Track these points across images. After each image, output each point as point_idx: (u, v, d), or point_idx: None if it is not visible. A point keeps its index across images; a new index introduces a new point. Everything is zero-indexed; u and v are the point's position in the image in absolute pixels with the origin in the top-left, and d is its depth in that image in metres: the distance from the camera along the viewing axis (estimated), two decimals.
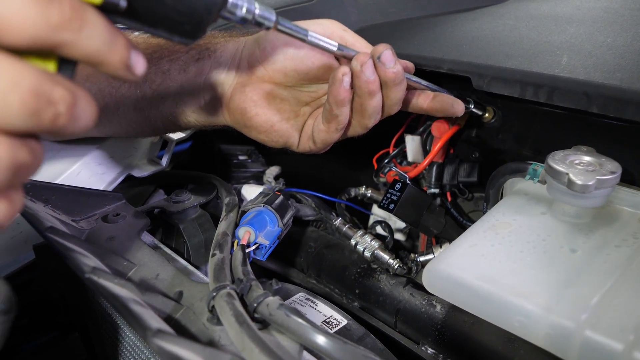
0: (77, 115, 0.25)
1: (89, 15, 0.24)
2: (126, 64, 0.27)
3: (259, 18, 0.38)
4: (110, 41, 0.26)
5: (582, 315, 0.38)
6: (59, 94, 0.24)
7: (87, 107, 0.25)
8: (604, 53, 0.57)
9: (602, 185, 0.46)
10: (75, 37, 0.24)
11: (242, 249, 0.48)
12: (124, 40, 0.26)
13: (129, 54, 0.27)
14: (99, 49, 0.25)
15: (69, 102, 0.24)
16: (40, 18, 0.23)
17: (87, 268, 0.38)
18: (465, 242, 0.49)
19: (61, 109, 0.24)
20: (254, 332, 0.35)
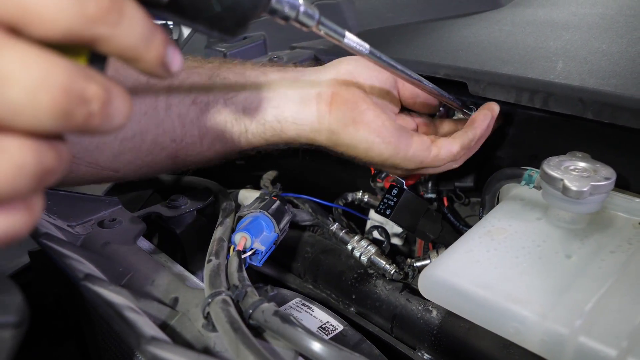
0: (111, 113, 0.23)
1: (127, 8, 0.22)
2: (162, 62, 0.25)
3: (303, 16, 0.37)
4: (148, 37, 0.24)
5: (576, 321, 0.38)
6: (93, 91, 0.22)
7: (122, 104, 0.23)
8: (599, 59, 0.57)
9: (596, 191, 0.46)
10: (111, 32, 0.22)
11: (238, 255, 0.48)
12: (161, 36, 0.25)
13: (165, 51, 0.25)
14: (135, 45, 0.23)
15: (103, 100, 0.22)
16: (76, 9, 0.20)
17: (81, 275, 0.37)
18: (460, 247, 0.49)
19: (94, 107, 0.22)
20: (249, 338, 0.35)
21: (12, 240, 0.22)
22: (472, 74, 0.60)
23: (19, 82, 0.20)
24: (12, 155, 0.21)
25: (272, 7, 0.34)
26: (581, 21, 0.72)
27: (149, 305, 0.41)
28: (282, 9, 0.34)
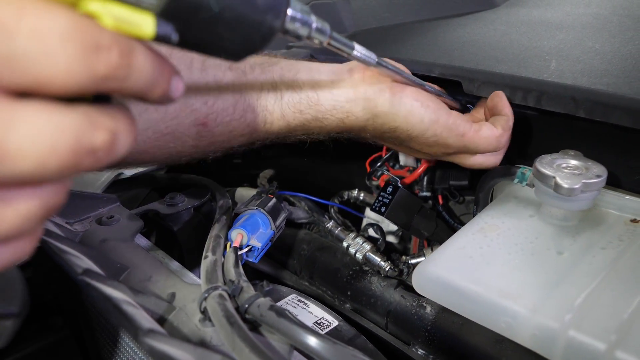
0: (116, 152, 0.23)
1: (137, 57, 0.22)
2: (166, 95, 0.25)
3: (316, 33, 0.36)
4: (155, 79, 0.24)
5: (567, 315, 0.39)
6: (100, 140, 0.22)
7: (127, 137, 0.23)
8: (591, 58, 0.58)
9: (588, 188, 0.47)
10: (120, 86, 0.22)
11: (234, 251, 0.49)
12: (167, 73, 0.25)
13: (169, 87, 0.25)
14: (143, 88, 0.23)
15: (109, 145, 0.22)
16: (86, 72, 0.20)
17: (79, 270, 0.38)
18: (454, 244, 0.50)
19: (101, 155, 0.22)
20: (245, 332, 0.36)
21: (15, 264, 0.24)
22: (467, 73, 0.61)
23: (29, 157, 0.20)
24: (18, 207, 0.22)
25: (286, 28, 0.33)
26: (575, 21, 0.72)
27: (146, 300, 0.41)
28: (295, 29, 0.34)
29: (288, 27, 0.33)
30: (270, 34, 0.30)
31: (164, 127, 0.47)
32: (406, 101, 0.51)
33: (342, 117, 0.53)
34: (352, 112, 0.52)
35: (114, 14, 0.21)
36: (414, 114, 0.51)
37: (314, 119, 0.52)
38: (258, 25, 0.28)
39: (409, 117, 0.52)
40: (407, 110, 0.51)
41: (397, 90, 0.52)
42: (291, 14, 0.32)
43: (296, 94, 0.51)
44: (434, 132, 0.52)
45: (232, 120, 0.49)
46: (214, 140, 0.50)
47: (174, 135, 0.47)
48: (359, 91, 0.52)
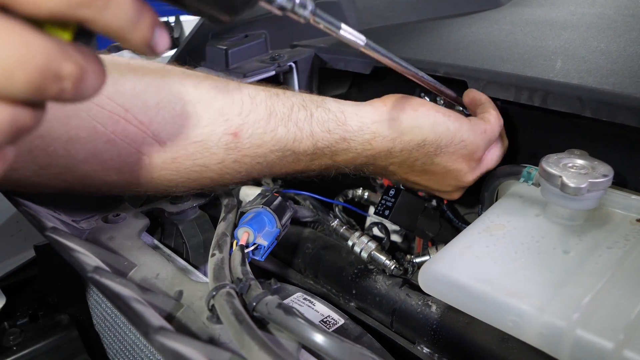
0: (83, 88, 0.24)
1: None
2: (147, 44, 0.26)
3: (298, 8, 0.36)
4: (135, 20, 0.24)
5: (574, 314, 0.39)
6: (68, 70, 0.23)
7: (95, 80, 0.24)
8: (597, 58, 0.58)
9: (594, 188, 0.47)
10: (97, 15, 0.23)
11: (241, 249, 0.49)
12: (149, 19, 0.25)
13: (152, 34, 0.26)
14: (121, 27, 0.24)
15: (76, 78, 0.23)
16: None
17: (89, 267, 0.38)
18: (460, 243, 0.50)
19: (67, 85, 0.23)
20: (253, 330, 0.36)
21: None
22: (472, 72, 0.61)
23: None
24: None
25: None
26: (580, 21, 0.72)
27: (154, 298, 0.41)
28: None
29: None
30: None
31: (195, 134, 0.47)
32: (428, 114, 0.54)
33: (369, 137, 0.54)
34: (378, 132, 0.54)
35: None
36: (438, 123, 0.54)
37: (342, 140, 0.53)
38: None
39: (435, 127, 0.54)
40: (432, 122, 0.54)
41: (418, 106, 0.54)
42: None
43: (325, 113, 0.53)
44: (461, 137, 0.55)
45: (264, 133, 0.50)
46: (241, 154, 0.50)
47: (205, 144, 0.48)
48: (383, 113, 0.54)
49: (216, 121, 0.48)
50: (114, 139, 0.44)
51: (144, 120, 0.45)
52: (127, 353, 0.57)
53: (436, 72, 0.64)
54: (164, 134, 0.46)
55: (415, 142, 0.54)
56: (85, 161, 0.44)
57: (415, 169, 0.58)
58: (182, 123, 0.46)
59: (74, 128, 0.42)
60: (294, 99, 0.52)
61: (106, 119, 0.43)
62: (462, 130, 0.55)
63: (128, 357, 0.57)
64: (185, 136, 0.47)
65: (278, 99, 0.52)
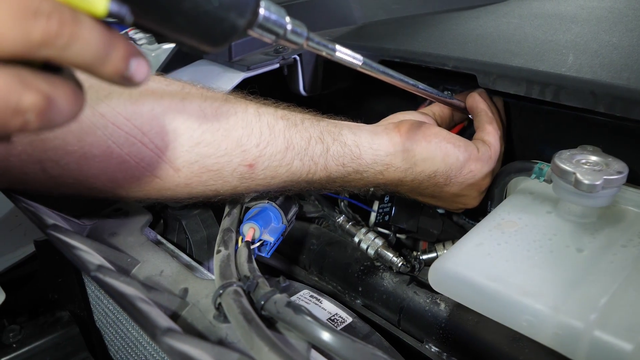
0: (51, 118, 0.23)
1: (81, 29, 0.22)
2: (122, 75, 0.25)
3: (291, 35, 0.35)
4: (104, 54, 0.24)
5: (591, 315, 0.38)
6: (29, 102, 0.22)
7: (66, 105, 0.24)
8: (610, 52, 0.57)
9: (609, 185, 0.46)
10: (61, 54, 0.22)
11: (247, 246, 0.48)
12: (121, 52, 0.24)
13: (126, 65, 0.25)
14: (90, 62, 0.23)
15: (40, 108, 0.22)
16: (20, 35, 0.21)
17: (92, 266, 0.37)
18: (471, 240, 0.49)
19: (30, 117, 0.22)
20: (263, 330, 0.35)
21: None
22: (482, 66, 0.59)
23: None
24: None
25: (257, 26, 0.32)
26: (590, 14, 0.71)
27: (159, 296, 0.40)
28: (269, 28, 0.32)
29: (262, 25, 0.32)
30: (232, 32, 0.29)
31: (211, 163, 0.46)
32: (441, 145, 0.55)
33: (381, 169, 0.55)
34: (391, 164, 0.55)
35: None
36: (449, 154, 0.55)
37: (355, 172, 0.54)
38: (220, 21, 0.28)
39: (446, 159, 0.55)
40: (443, 154, 0.55)
41: (431, 137, 0.55)
42: (264, 14, 0.31)
43: (341, 148, 0.53)
44: (470, 168, 0.56)
45: (279, 166, 0.50)
46: (253, 184, 0.50)
47: (220, 173, 0.47)
48: (397, 144, 0.55)
49: (233, 152, 0.47)
50: (129, 161, 0.43)
51: (160, 146, 0.44)
52: (130, 350, 0.56)
53: (445, 66, 0.63)
54: (180, 161, 0.45)
55: (426, 174, 0.56)
56: (97, 177, 0.43)
57: (425, 194, 0.60)
58: (199, 152, 0.45)
59: (88, 145, 0.41)
60: (311, 131, 0.52)
61: (122, 139, 0.42)
62: (471, 161, 0.56)
63: (130, 353, 0.56)
64: (201, 165, 0.46)
65: (296, 130, 0.51)
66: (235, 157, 0.47)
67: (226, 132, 0.46)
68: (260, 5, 0.31)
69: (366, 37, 0.79)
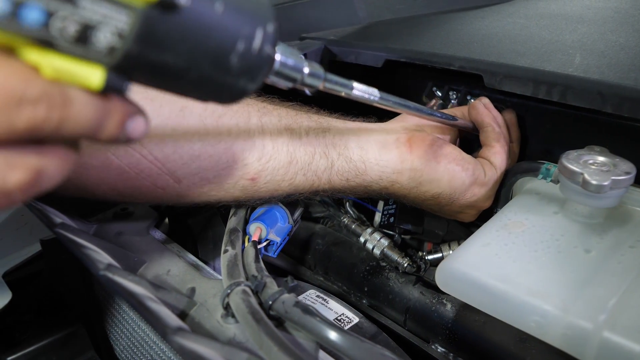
0: (39, 186, 0.22)
1: (72, 109, 0.21)
2: (116, 138, 0.24)
3: (308, 78, 0.33)
4: (101, 122, 0.23)
5: (600, 316, 0.38)
6: (15, 180, 0.21)
7: (56, 169, 0.23)
8: (617, 53, 0.57)
9: (617, 185, 0.46)
10: (50, 134, 0.21)
11: (254, 245, 0.48)
12: (116, 117, 0.23)
13: (122, 129, 0.24)
14: (86, 132, 0.22)
15: (28, 184, 0.22)
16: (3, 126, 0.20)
17: (101, 265, 0.37)
18: (478, 241, 0.49)
19: (17, 195, 0.22)
20: (272, 329, 0.35)
21: None
22: (488, 66, 0.59)
23: None
24: None
25: (276, 71, 0.30)
26: (596, 15, 0.71)
27: (167, 295, 0.40)
28: (286, 74, 0.31)
29: (278, 72, 0.30)
30: (242, 95, 0.27)
31: (212, 176, 0.46)
32: (449, 167, 0.54)
33: (387, 185, 0.54)
34: (397, 181, 0.54)
35: (55, 66, 0.20)
36: (456, 177, 0.54)
37: (359, 186, 0.54)
38: (228, 88, 0.26)
39: (452, 182, 0.54)
40: (450, 176, 0.54)
41: (441, 157, 0.54)
42: (280, 60, 0.30)
43: (346, 163, 0.52)
44: (473, 191, 0.56)
45: (282, 181, 0.49)
46: (256, 195, 0.50)
47: (221, 185, 0.47)
48: (406, 162, 0.53)
49: (234, 165, 0.46)
50: (128, 172, 0.42)
51: (160, 157, 0.43)
52: (135, 349, 0.56)
53: (451, 66, 0.63)
54: (180, 173, 0.44)
55: (431, 194, 0.55)
56: (97, 186, 0.42)
57: (424, 207, 0.60)
58: (200, 165, 0.44)
59: (87, 155, 0.40)
60: (316, 144, 0.51)
61: (121, 151, 0.41)
62: (476, 185, 0.56)
63: (136, 353, 0.56)
64: (202, 177, 0.45)
65: (300, 143, 0.50)
66: (237, 170, 0.46)
67: (227, 145, 0.45)
68: (276, 51, 0.29)
69: (371, 36, 0.79)
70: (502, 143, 0.58)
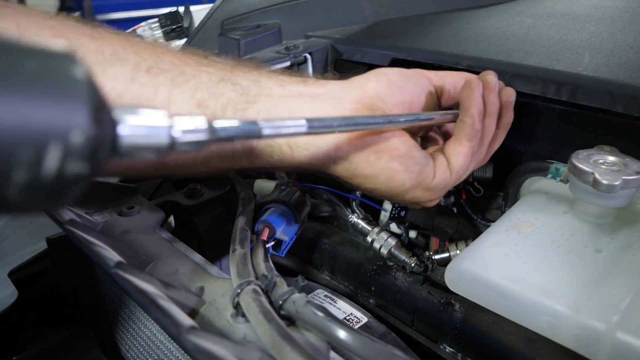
0: None
1: None
2: None
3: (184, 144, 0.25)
4: None
5: (613, 316, 0.37)
6: None
7: None
8: (626, 52, 0.57)
9: (628, 185, 0.46)
10: None
11: (262, 245, 0.48)
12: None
13: None
14: None
15: None
16: None
17: (112, 263, 0.37)
18: (487, 241, 0.48)
19: None
20: (284, 329, 0.34)
21: None
22: (496, 65, 0.59)
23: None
24: None
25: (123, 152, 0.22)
26: (604, 14, 0.71)
27: (176, 294, 0.40)
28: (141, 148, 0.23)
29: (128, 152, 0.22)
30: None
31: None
32: (389, 165, 0.46)
33: (316, 169, 0.48)
34: (330, 169, 0.47)
35: None
36: (395, 179, 0.46)
37: (287, 167, 0.48)
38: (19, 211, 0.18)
39: (390, 182, 0.47)
40: (389, 175, 0.46)
41: (383, 152, 0.45)
42: (126, 139, 0.22)
43: (269, 147, 0.44)
44: (414, 195, 0.48)
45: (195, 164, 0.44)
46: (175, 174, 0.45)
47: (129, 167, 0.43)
48: (341, 151, 0.45)
49: None
50: None
51: None
52: (142, 349, 0.56)
53: (458, 65, 0.63)
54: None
55: (364, 187, 0.48)
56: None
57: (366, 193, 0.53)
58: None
59: None
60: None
61: None
62: (418, 189, 0.48)
63: (142, 352, 0.56)
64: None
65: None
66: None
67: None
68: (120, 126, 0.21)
69: (377, 35, 0.78)
70: (473, 144, 0.49)
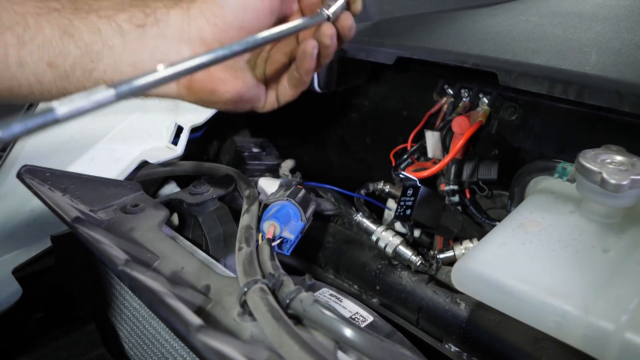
0: None
1: None
2: None
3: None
4: None
5: (622, 316, 0.37)
6: None
7: None
8: (633, 51, 0.56)
9: (635, 185, 0.45)
10: None
11: (268, 243, 0.48)
12: None
13: None
14: None
15: None
16: None
17: (119, 261, 0.37)
18: (494, 240, 0.48)
19: None
20: (292, 328, 0.34)
21: None
22: (503, 64, 0.59)
23: None
24: None
25: None
26: (610, 13, 0.71)
27: (183, 292, 0.40)
28: None
29: None
30: None
31: None
32: (227, 98, 0.47)
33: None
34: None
35: None
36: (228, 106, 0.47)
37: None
38: None
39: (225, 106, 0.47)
40: (223, 106, 0.47)
41: (221, 92, 0.46)
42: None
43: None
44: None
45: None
46: None
47: None
48: (182, 96, 0.47)
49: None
50: None
51: None
52: (146, 347, 0.56)
53: (464, 64, 0.62)
54: None
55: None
56: None
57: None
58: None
59: None
60: (79, 87, 0.43)
61: None
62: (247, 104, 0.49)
63: (146, 350, 0.56)
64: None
65: (68, 83, 0.42)
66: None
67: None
68: None
69: (382, 33, 0.78)
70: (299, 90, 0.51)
